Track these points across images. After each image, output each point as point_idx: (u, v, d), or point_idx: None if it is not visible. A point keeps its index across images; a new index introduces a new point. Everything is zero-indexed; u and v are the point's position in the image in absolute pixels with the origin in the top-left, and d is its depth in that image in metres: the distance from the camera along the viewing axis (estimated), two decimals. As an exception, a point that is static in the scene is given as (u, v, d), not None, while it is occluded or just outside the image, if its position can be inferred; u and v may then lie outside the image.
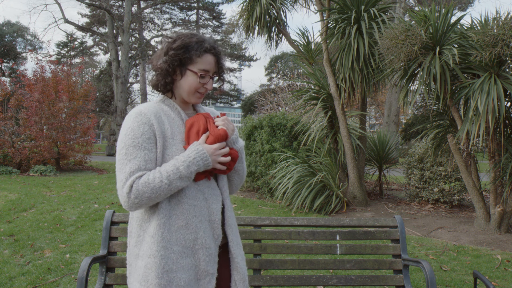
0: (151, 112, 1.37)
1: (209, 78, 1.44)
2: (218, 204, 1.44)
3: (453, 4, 4.95)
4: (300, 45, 7.85)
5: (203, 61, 1.40)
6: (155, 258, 1.31)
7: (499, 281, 3.47)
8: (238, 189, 1.62)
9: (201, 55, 1.40)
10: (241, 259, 1.50)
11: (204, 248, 1.38)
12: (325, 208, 6.07)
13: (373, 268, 2.28)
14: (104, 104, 31.08)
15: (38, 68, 11.56)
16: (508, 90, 4.46)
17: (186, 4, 34.19)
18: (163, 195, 1.31)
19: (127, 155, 1.31)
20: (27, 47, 32.22)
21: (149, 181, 1.28)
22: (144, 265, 1.33)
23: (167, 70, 1.40)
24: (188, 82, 1.41)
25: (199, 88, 1.43)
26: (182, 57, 1.39)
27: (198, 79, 1.41)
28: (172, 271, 1.32)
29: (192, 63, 1.40)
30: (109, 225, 2.23)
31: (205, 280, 1.38)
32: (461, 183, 6.42)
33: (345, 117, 6.37)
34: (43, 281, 3.31)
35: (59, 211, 6.03)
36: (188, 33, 1.43)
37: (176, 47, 1.39)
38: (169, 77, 1.42)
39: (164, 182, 1.29)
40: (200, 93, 1.45)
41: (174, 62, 1.39)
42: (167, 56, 1.39)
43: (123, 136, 1.35)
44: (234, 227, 1.53)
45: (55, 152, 11.10)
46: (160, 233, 1.33)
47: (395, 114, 15.95)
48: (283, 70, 37.90)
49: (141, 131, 1.33)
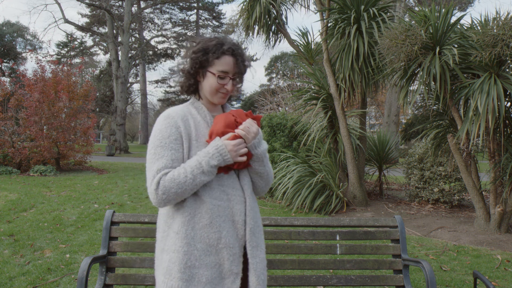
0: (178, 115, 1.45)
1: (228, 79, 1.48)
2: (241, 205, 1.47)
3: (453, 4, 4.95)
4: (300, 45, 7.85)
5: (221, 63, 1.45)
6: (179, 254, 1.37)
7: (499, 281, 3.47)
8: (265, 192, 1.65)
9: (219, 57, 1.45)
10: (259, 261, 1.47)
11: (227, 248, 1.41)
12: (325, 208, 6.07)
13: (373, 268, 2.28)
14: (104, 104, 31.07)
15: (39, 68, 11.56)
16: (508, 90, 4.46)
17: (186, 4, 34.18)
18: (189, 190, 1.37)
19: (155, 154, 1.40)
20: (27, 47, 32.22)
21: (175, 177, 1.35)
22: (169, 259, 1.39)
23: (189, 73, 1.49)
24: (208, 83, 1.47)
25: (220, 88, 1.48)
26: (202, 59, 1.45)
27: (217, 80, 1.46)
28: (194, 267, 1.37)
29: (211, 65, 1.46)
30: (109, 225, 2.23)
31: (230, 279, 1.40)
32: (461, 183, 6.42)
33: (345, 117, 6.37)
34: (43, 281, 3.31)
35: (59, 211, 6.03)
36: (210, 37, 1.49)
37: (196, 50, 1.46)
38: (192, 79, 1.50)
39: (189, 177, 1.36)
40: (223, 93, 1.50)
41: (195, 64, 1.46)
42: (189, 59, 1.48)
43: (152, 137, 1.44)
44: (257, 229, 1.51)
45: (55, 152, 11.09)
46: (184, 230, 1.39)
47: (395, 114, 15.95)
48: (283, 70, 37.89)
49: (168, 133, 1.42)
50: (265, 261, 1.52)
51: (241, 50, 1.49)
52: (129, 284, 2.18)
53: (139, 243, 2.25)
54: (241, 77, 1.53)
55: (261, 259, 1.49)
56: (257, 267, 1.46)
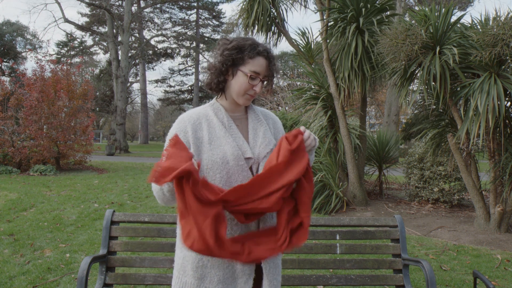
0: (190, 120, 1.46)
1: (259, 81, 1.46)
2: None
3: (453, 3, 4.95)
4: (300, 44, 7.84)
5: (254, 63, 1.44)
6: (192, 253, 1.40)
7: (499, 280, 3.47)
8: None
9: (253, 56, 1.43)
10: (272, 266, 1.46)
11: None
12: (325, 208, 6.07)
13: (373, 267, 2.28)
14: (104, 104, 31.08)
15: (38, 68, 11.56)
16: (508, 90, 4.46)
17: (186, 4, 34.17)
18: (171, 202, 1.40)
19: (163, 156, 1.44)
20: (27, 47, 32.21)
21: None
22: (183, 256, 1.44)
23: (220, 70, 1.45)
24: (238, 83, 1.45)
25: (249, 89, 1.46)
26: (235, 57, 1.43)
27: (248, 80, 1.44)
28: (206, 267, 1.40)
29: (244, 64, 1.44)
30: (109, 224, 2.23)
31: (242, 280, 1.41)
32: (461, 183, 6.42)
33: (345, 116, 6.37)
34: (43, 281, 3.31)
35: (59, 211, 6.03)
36: (245, 37, 1.48)
37: (231, 48, 1.44)
38: (222, 76, 1.47)
39: (167, 194, 1.37)
40: (250, 95, 1.48)
41: (227, 61, 1.44)
42: (222, 56, 1.45)
43: (166, 139, 1.46)
44: None
45: (55, 152, 11.09)
46: None
47: (395, 114, 15.94)
48: (283, 70, 37.88)
49: None
50: (280, 266, 1.52)
51: (274, 55, 1.50)
52: (129, 283, 2.18)
53: (139, 242, 2.25)
54: (270, 81, 1.52)
55: (275, 264, 1.48)
56: (270, 272, 1.45)
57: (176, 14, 35.54)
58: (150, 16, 33.49)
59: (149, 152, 25.99)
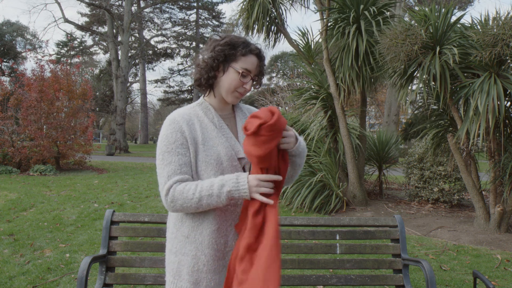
0: (183, 119, 1.43)
1: (249, 79, 1.45)
2: None
3: (453, 3, 4.95)
4: (299, 44, 7.84)
5: (246, 60, 1.43)
6: (188, 257, 1.40)
7: (499, 280, 3.47)
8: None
9: (246, 54, 1.42)
10: None
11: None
12: (325, 208, 6.07)
13: (373, 267, 2.28)
14: (104, 104, 31.07)
15: (38, 68, 11.56)
16: (508, 90, 4.46)
17: (186, 4, 34.17)
18: (193, 207, 1.36)
19: (164, 160, 1.40)
20: (27, 47, 32.20)
21: (184, 191, 1.35)
22: (178, 261, 1.43)
23: (211, 65, 1.43)
24: (229, 79, 1.43)
25: (239, 87, 1.44)
26: (228, 53, 1.42)
27: (239, 77, 1.42)
28: (202, 272, 1.39)
29: (235, 60, 1.42)
30: (109, 224, 2.23)
31: None
32: (461, 183, 6.42)
33: (345, 116, 6.37)
34: (43, 281, 3.31)
35: (59, 211, 6.03)
36: (237, 35, 1.47)
37: (223, 44, 1.42)
38: (212, 71, 1.44)
39: (196, 196, 1.34)
40: (239, 93, 1.46)
41: (219, 57, 1.42)
42: (213, 51, 1.43)
43: (159, 143, 1.43)
44: None
45: (54, 152, 11.09)
46: (193, 235, 1.41)
47: (395, 114, 15.94)
48: (283, 70, 37.87)
49: (174, 138, 1.40)
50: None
51: (264, 55, 1.49)
52: (129, 283, 2.18)
53: (139, 242, 2.25)
54: (259, 79, 1.51)
55: None
56: None
57: (176, 14, 35.60)
58: (150, 16, 33.49)
59: (149, 152, 26.00)
